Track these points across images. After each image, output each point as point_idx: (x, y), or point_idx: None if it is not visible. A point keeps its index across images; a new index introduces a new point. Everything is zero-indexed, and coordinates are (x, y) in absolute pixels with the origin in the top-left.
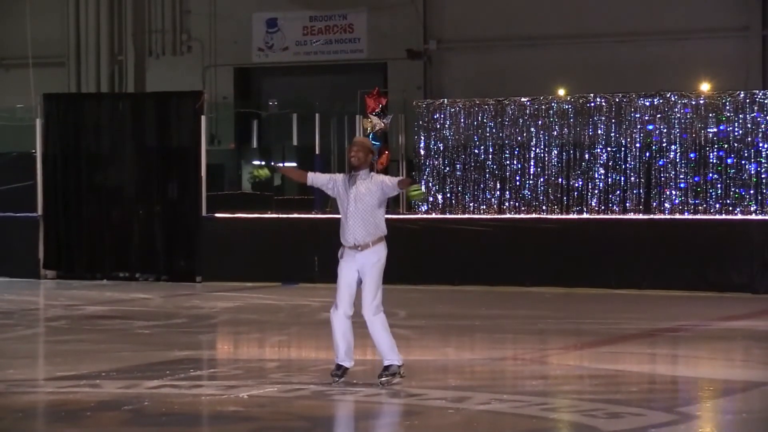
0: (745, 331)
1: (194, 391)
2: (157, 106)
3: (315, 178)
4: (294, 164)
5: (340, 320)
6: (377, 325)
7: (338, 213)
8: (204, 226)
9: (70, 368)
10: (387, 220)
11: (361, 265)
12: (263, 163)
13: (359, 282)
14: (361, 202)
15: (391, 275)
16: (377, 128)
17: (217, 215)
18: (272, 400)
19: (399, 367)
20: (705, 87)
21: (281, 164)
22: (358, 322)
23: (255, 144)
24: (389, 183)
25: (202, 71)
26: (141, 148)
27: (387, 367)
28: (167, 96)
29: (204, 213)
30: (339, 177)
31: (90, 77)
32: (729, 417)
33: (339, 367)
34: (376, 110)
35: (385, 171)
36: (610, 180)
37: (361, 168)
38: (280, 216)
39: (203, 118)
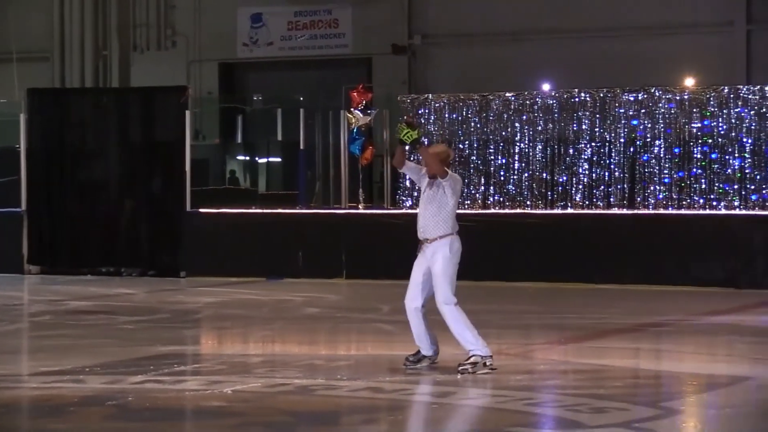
0: (729, 325)
1: (178, 386)
2: (141, 101)
3: (408, 167)
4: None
5: (407, 310)
6: (447, 316)
7: (323, 209)
8: (188, 221)
9: (53, 363)
10: (371, 215)
11: (429, 258)
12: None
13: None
14: (430, 202)
15: (375, 270)
16: (361, 123)
17: (201, 210)
18: (256, 395)
19: (483, 357)
20: (689, 82)
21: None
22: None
23: (239, 139)
24: (445, 182)
25: (187, 66)
26: (125, 143)
27: (468, 357)
28: (152, 91)
29: (188, 208)
30: (426, 172)
31: (74, 72)
32: (713, 411)
33: (417, 353)
34: (361, 105)
35: (369, 165)
36: (594, 175)
37: (437, 177)
38: (265, 211)
39: (188, 113)
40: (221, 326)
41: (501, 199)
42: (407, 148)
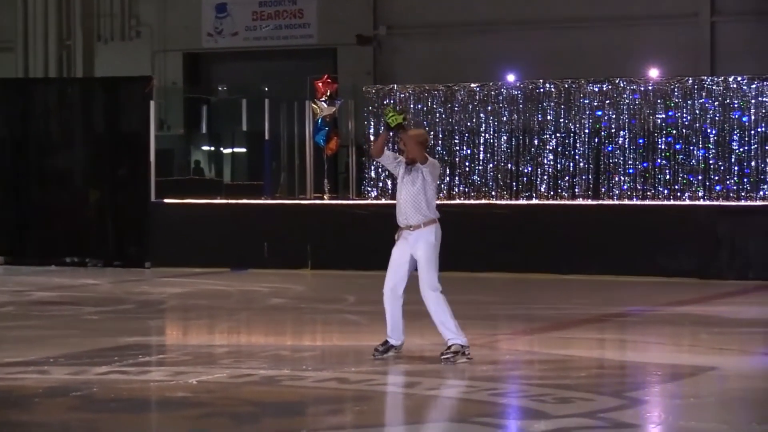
0: (693, 316)
1: (143, 377)
2: (105, 92)
3: (386, 157)
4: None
5: (385, 296)
6: (431, 303)
7: (288, 199)
8: (153, 211)
9: (17, 354)
10: (336, 205)
11: (412, 246)
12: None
13: (413, 263)
14: (408, 187)
15: (340, 260)
16: (326, 114)
17: (166, 201)
18: (221, 386)
19: (462, 346)
20: (654, 73)
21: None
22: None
23: (204, 129)
24: (425, 168)
25: (152, 56)
26: (90, 133)
27: (449, 346)
28: (116, 81)
29: (153, 199)
30: (402, 160)
31: (38, 62)
32: (677, 401)
33: (384, 342)
34: (326, 96)
35: (334, 156)
36: (559, 166)
37: (416, 162)
38: (230, 202)
39: (152, 103)
40: (186, 317)
41: (466, 189)
42: (390, 134)
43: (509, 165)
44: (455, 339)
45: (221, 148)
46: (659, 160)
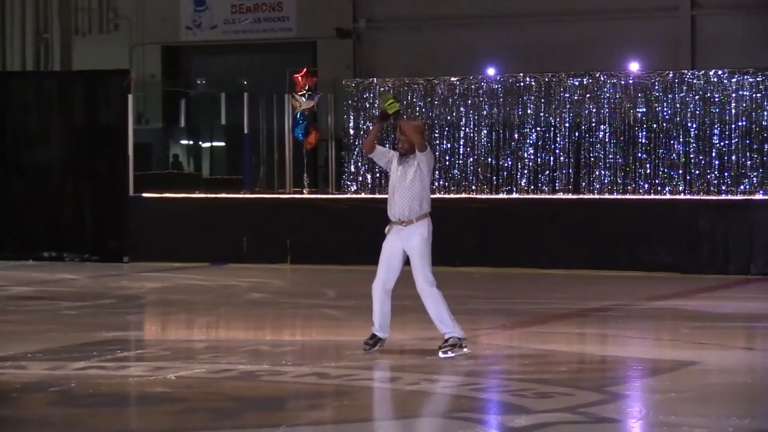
0: (674, 310)
1: (121, 372)
2: (83, 85)
3: (378, 152)
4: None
5: (375, 291)
6: (428, 298)
7: (267, 193)
8: (131, 206)
9: None
10: (315, 200)
11: (405, 241)
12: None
13: (404, 258)
14: (403, 181)
15: (320, 255)
16: (305, 107)
17: (144, 195)
18: (200, 381)
19: (459, 339)
20: (634, 67)
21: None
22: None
23: (183, 123)
24: (419, 158)
25: (130, 49)
26: (68, 126)
27: (446, 340)
28: (94, 74)
29: (131, 193)
30: (393, 154)
31: (15, 55)
32: (658, 396)
33: (372, 336)
34: (305, 89)
35: (314, 150)
36: (539, 160)
37: (410, 153)
38: (209, 196)
39: (130, 96)
40: (165, 312)
41: (446, 183)
42: (383, 124)
43: (489, 159)
44: (452, 333)
45: (200, 142)
46: (640, 154)
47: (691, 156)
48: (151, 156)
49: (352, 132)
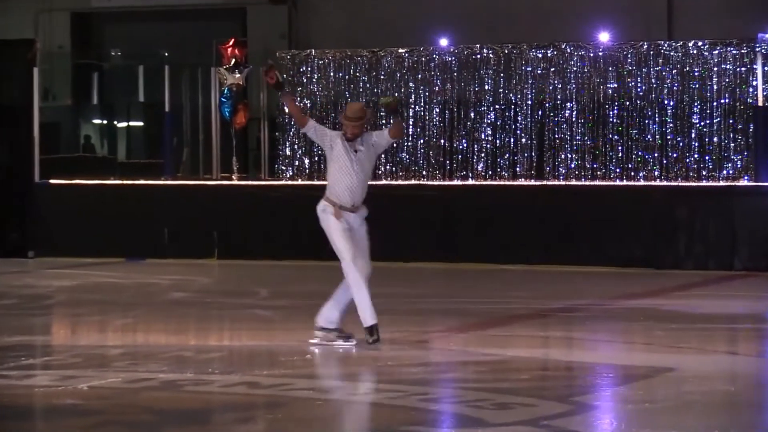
0: (647, 310)
1: (26, 381)
2: None
3: (316, 130)
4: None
5: (362, 282)
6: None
7: (191, 180)
8: (37, 193)
9: None
10: (246, 187)
11: (355, 225)
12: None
13: None
14: (362, 167)
15: (251, 249)
16: (233, 82)
17: (52, 182)
18: (116, 392)
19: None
20: (604, 37)
21: (288, 91)
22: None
23: (96, 100)
24: (381, 142)
25: (35, 17)
26: None
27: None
28: None
29: (37, 179)
30: (337, 136)
31: None
32: (630, 407)
33: (375, 329)
34: (233, 62)
35: (244, 130)
36: (498, 142)
37: (357, 137)
38: (125, 182)
39: (36, 70)
40: (76, 313)
41: (393, 168)
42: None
43: (442, 141)
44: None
45: (115, 122)
46: (611, 135)
47: (668, 137)
48: (59, 137)
49: (287, 110)
